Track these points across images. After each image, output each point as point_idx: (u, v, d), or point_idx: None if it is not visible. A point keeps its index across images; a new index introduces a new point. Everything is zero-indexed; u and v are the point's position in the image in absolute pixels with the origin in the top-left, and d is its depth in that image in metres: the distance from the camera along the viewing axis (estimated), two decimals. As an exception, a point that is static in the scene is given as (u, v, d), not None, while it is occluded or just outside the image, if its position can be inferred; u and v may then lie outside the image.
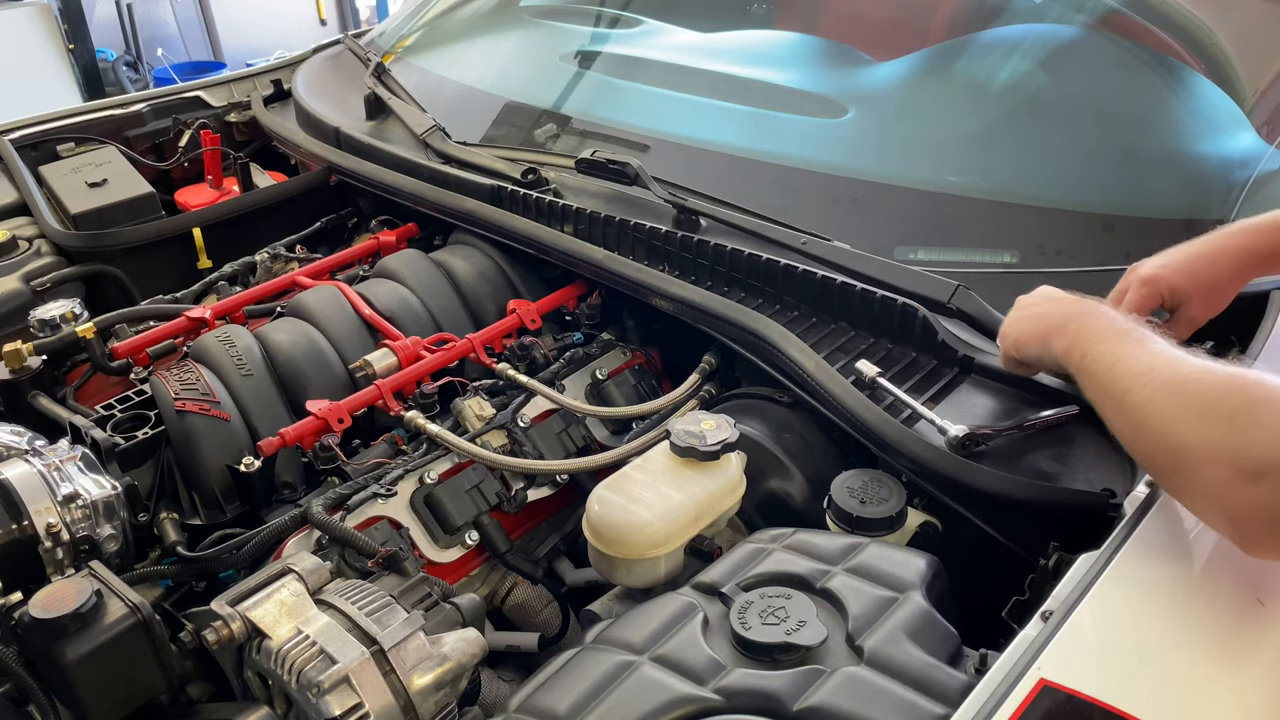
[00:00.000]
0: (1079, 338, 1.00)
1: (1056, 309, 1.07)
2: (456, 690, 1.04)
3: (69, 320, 1.61)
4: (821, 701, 0.81)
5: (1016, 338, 1.13)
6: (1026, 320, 1.12)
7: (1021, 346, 1.12)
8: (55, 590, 1.04)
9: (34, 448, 1.28)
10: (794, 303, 1.42)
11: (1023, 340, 1.11)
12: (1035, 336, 1.09)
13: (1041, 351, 1.07)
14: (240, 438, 1.40)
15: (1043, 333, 1.07)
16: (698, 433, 1.20)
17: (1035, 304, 1.13)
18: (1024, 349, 1.12)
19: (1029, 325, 1.11)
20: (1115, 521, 0.94)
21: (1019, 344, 1.12)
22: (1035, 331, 1.09)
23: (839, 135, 1.69)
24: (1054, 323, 1.05)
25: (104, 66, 6.07)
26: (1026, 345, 1.11)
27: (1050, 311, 1.08)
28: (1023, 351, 1.12)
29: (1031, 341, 1.10)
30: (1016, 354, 1.14)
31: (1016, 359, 1.14)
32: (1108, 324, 0.99)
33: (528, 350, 1.59)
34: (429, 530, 1.35)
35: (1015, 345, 1.13)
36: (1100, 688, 0.77)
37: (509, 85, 2.14)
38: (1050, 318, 1.07)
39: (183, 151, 2.42)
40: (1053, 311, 1.07)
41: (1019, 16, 1.79)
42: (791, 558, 0.99)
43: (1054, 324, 1.05)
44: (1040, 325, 1.08)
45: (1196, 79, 1.56)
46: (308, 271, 1.83)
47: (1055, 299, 1.11)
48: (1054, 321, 1.05)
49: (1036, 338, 1.08)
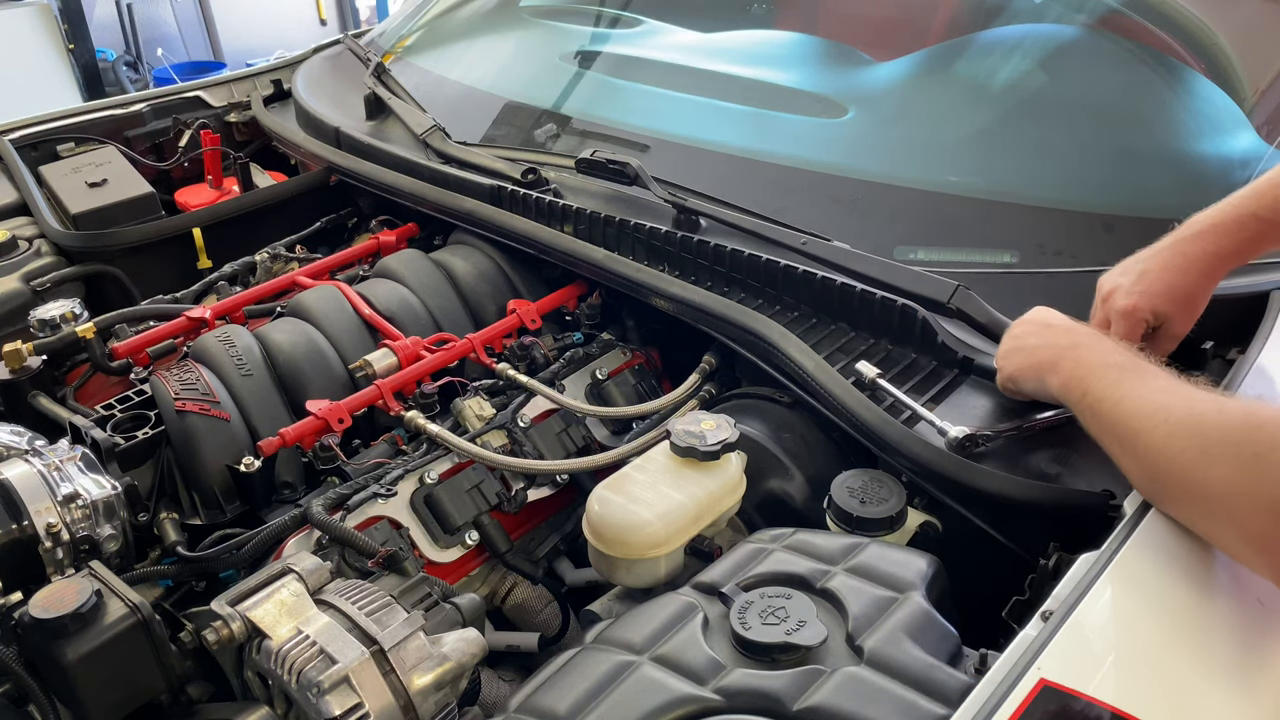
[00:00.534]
0: (1075, 374, 0.98)
1: (1048, 340, 1.06)
2: (456, 690, 1.04)
3: (69, 320, 1.61)
4: (821, 701, 0.81)
5: (1012, 372, 1.12)
6: (1020, 354, 1.10)
7: (1018, 381, 1.11)
8: (55, 590, 1.05)
9: (34, 448, 1.28)
10: (794, 303, 1.42)
11: (1018, 375, 1.11)
12: (1029, 372, 1.07)
13: (1038, 387, 1.06)
14: (240, 438, 1.40)
15: (1036, 368, 1.05)
16: (698, 433, 1.20)
17: (1027, 334, 1.11)
18: (1020, 384, 1.11)
19: (1022, 360, 1.09)
20: (1115, 521, 0.94)
21: (1015, 378, 1.12)
22: (1029, 366, 1.08)
23: (839, 135, 1.69)
24: (1046, 357, 1.04)
25: (104, 66, 6.07)
26: (1022, 380, 1.10)
27: (1042, 344, 1.06)
28: (1020, 386, 1.11)
29: (1026, 377, 1.09)
30: (1014, 387, 1.13)
31: (1014, 392, 1.14)
32: (1101, 357, 0.97)
33: (528, 350, 1.59)
34: (429, 530, 1.35)
35: (1011, 379, 1.12)
36: (1100, 688, 0.77)
37: (509, 85, 2.14)
38: (1042, 351, 1.05)
39: (183, 151, 2.42)
40: (1045, 344, 1.06)
41: (1019, 16, 1.79)
42: (791, 558, 0.99)
43: (1046, 358, 1.04)
44: (1033, 360, 1.07)
45: (1196, 79, 1.56)
46: (308, 271, 1.83)
47: (1047, 326, 1.09)
48: (1046, 356, 1.04)
49: (1031, 373, 1.07)
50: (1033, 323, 1.12)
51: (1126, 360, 0.95)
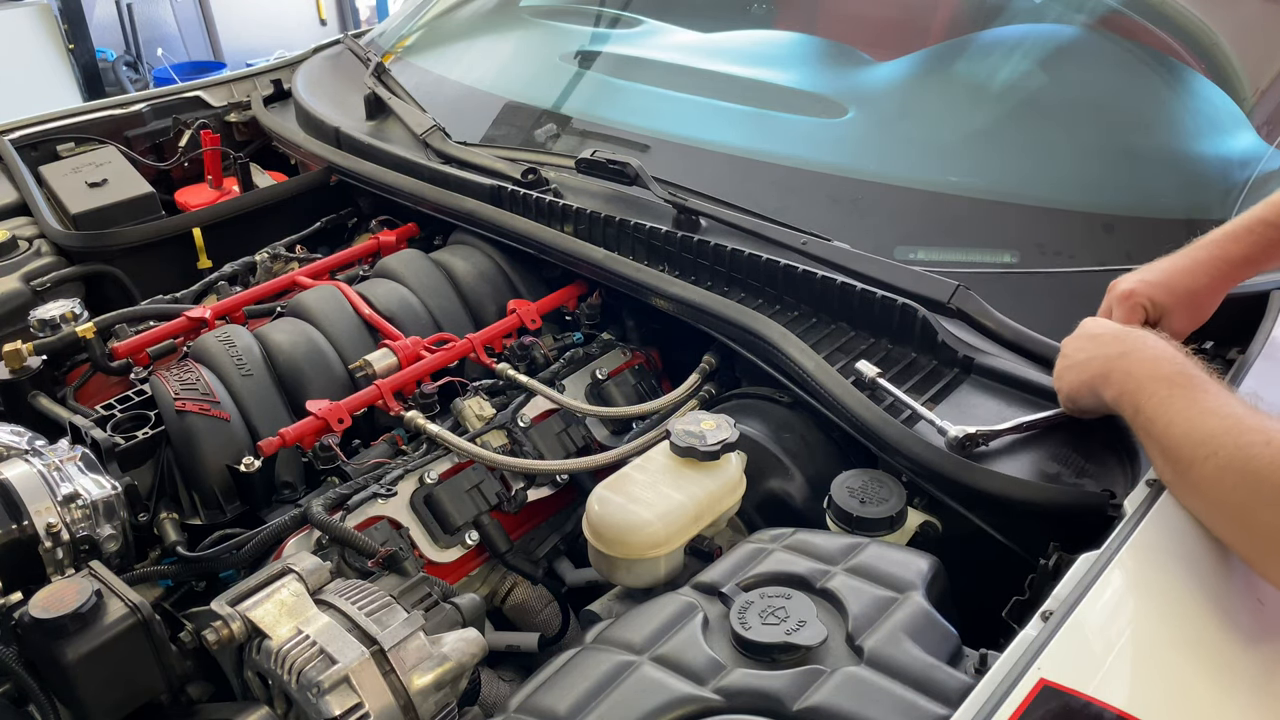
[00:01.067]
0: (1125, 388, 0.97)
1: (1096, 352, 1.03)
2: (456, 690, 1.04)
3: (69, 320, 1.61)
4: (821, 701, 0.81)
5: (1069, 391, 1.09)
6: (1072, 371, 1.07)
7: (1076, 400, 1.08)
8: (55, 590, 1.05)
9: (34, 448, 1.28)
10: (794, 303, 1.42)
11: (1074, 393, 1.07)
12: (1084, 388, 1.05)
13: (1096, 403, 1.03)
14: (240, 438, 1.40)
15: (1089, 384, 1.03)
16: (698, 433, 1.20)
17: (1077, 349, 1.08)
18: (1079, 402, 1.08)
19: (1075, 377, 1.06)
20: (1115, 521, 0.94)
21: (1073, 397, 1.08)
22: (1082, 383, 1.05)
23: (839, 135, 1.69)
24: (1097, 370, 1.02)
25: (104, 66, 6.07)
26: (1080, 398, 1.07)
27: (1091, 356, 1.04)
28: (1078, 404, 1.08)
29: (1082, 394, 1.06)
30: (1075, 407, 1.10)
31: (1077, 411, 1.10)
32: (1151, 368, 0.95)
33: (528, 350, 1.59)
34: (429, 530, 1.35)
35: (1070, 399, 1.09)
36: (1100, 688, 0.77)
37: (509, 85, 2.14)
38: (1092, 364, 1.03)
39: (183, 151, 2.42)
40: (1093, 356, 1.04)
41: (1019, 16, 1.79)
42: (791, 558, 0.99)
43: (1097, 371, 1.02)
44: (1086, 375, 1.04)
45: (1196, 79, 1.56)
46: (308, 271, 1.83)
47: (1093, 338, 1.06)
48: (1097, 369, 1.02)
49: (1085, 389, 1.05)
50: (1081, 336, 1.10)
51: (1176, 373, 0.93)
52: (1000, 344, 1.26)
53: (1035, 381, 1.19)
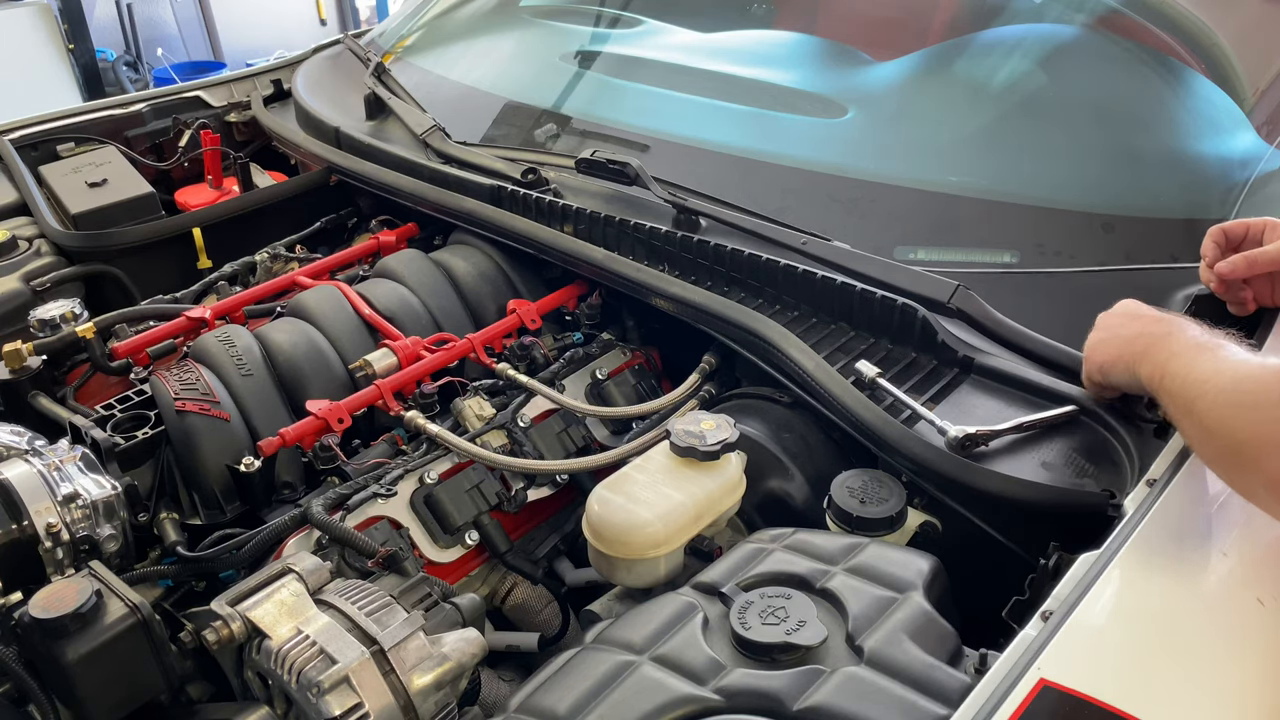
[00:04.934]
0: (1158, 359, 0.97)
1: (1141, 329, 1.03)
2: (456, 690, 1.05)
3: (69, 320, 1.61)
4: (821, 701, 0.81)
5: (1102, 362, 1.08)
6: (1113, 343, 1.06)
7: (1108, 372, 1.07)
8: (55, 590, 1.05)
9: (34, 448, 1.28)
10: (794, 303, 1.42)
11: (1108, 366, 1.07)
12: (1120, 363, 1.04)
13: (1129, 379, 1.03)
14: (240, 438, 1.40)
15: (1127, 359, 1.02)
16: (698, 433, 1.20)
17: (1120, 324, 1.08)
18: (1110, 374, 1.07)
19: (1115, 349, 1.06)
20: (1115, 521, 0.94)
21: (1105, 369, 1.07)
22: (1120, 357, 1.04)
23: (839, 135, 1.69)
24: (1138, 347, 1.01)
25: (104, 66, 6.07)
26: (1112, 371, 1.06)
27: (1137, 333, 1.03)
28: (1109, 377, 1.07)
29: (1117, 368, 1.05)
30: (1102, 379, 1.09)
31: (1102, 384, 1.10)
32: (1186, 342, 0.95)
33: (528, 350, 1.59)
34: (429, 530, 1.35)
35: (1101, 370, 1.08)
36: (1100, 688, 0.77)
37: (509, 85, 2.14)
38: (1138, 341, 1.02)
39: (183, 151, 2.42)
40: (1139, 332, 1.03)
41: (1019, 16, 1.79)
42: (791, 558, 0.99)
43: (1138, 348, 1.01)
44: (1129, 349, 1.03)
45: (1196, 79, 1.56)
46: (308, 271, 1.83)
47: (1136, 317, 1.06)
48: (1141, 345, 1.01)
49: (1122, 364, 1.04)
50: (1123, 314, 1.09)
51: (1208, 341, 0.94)
52: (1000, 344, 1.26)
53: (1035, 381, 1.19)
